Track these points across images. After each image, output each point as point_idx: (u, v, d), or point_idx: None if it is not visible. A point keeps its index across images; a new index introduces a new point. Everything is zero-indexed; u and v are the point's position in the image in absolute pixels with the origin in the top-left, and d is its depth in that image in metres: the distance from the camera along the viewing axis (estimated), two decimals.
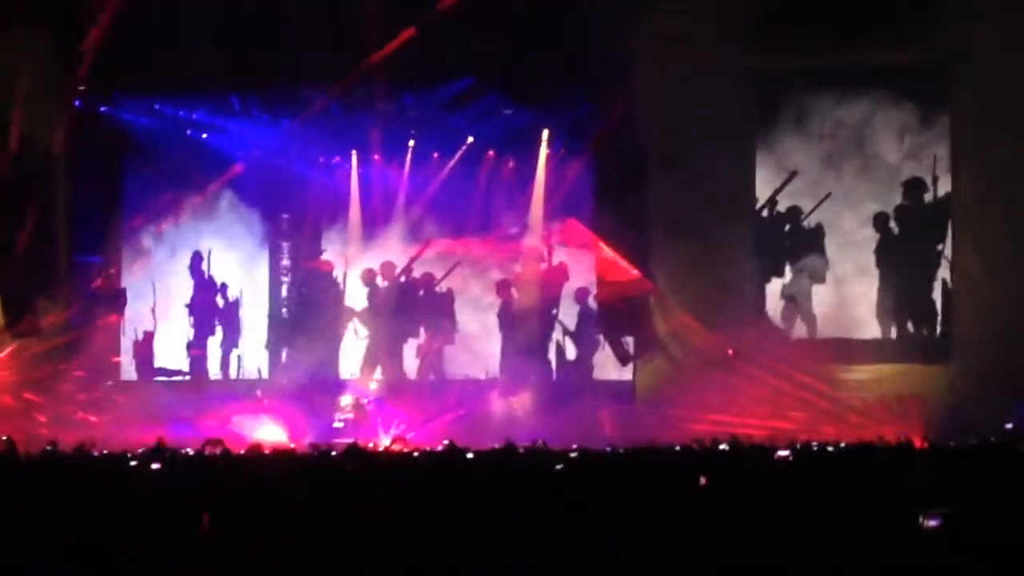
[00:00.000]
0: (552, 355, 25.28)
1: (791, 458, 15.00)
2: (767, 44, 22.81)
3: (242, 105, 25.29)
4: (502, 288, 25.70)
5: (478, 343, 25.83)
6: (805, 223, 23.66)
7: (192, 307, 26.66)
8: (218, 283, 26.68)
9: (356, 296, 26.32)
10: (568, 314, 25.28)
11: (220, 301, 26.69)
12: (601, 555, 10.47)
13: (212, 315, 26.66)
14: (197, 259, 26.67)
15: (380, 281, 26.11)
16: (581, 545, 10.51)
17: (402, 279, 26.05)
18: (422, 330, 26.07)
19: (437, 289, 26.06)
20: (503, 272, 25.76)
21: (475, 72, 23.98)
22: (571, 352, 25.22)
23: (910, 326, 23.29)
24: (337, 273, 26.42)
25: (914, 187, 23.34)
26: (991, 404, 20.47)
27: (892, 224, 23.39)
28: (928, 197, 23.33)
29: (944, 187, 23.17)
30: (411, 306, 26.03)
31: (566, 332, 25.27)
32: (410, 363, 25.93)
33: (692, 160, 22.80)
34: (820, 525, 10.85)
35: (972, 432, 18.62)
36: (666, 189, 23.00)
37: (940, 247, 23.22)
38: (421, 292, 26.15)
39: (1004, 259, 21.89)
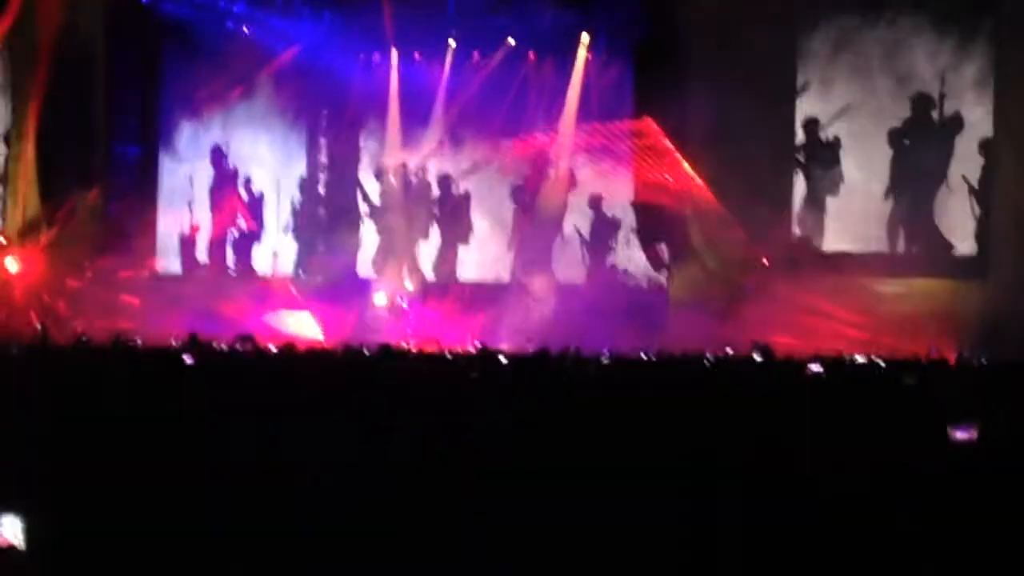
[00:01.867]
0: (567, 260, 25.22)
1: (823, 373, 14.98)
2: None
3: None
4: (516, 193, 25.66)
5: (492, 247, 25.76)
6: (824, 135, 23.54)
7: (206, 200, 26.59)
8: (242, 176, 26.63)
9: (376, 194, 26.31)
10: (584, 220, 25.25)
11: (244, 195, 26.63)
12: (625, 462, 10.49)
13: (229, 208, 26.60)
14: (218, 152, 26.61)
15: (393, 179, 26.07)
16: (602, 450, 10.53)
17: (414, 178, 25.99)
18: (437, 230, 25.99)
19: (454, 190, 25.98)
20: (522, 177, 25.69)
21: None
22: (586, 258, 25.19)
23: (941, 241, 23.11)
24: (375, 171, 26.39)
25: (920, 102, 23.17)
26: None
27: (905, 140, 23.21)
28: (935, 114, 23.14)
29: (953, 105, 22.95)
30: (426, 206, 25.96)
31: (581, 238, 25.24)
32: (424, 263, 25.90)
33: (732, 69, 22.67)
34: (849, 440, 10.86)
35: (1007, 348, 18.62)
36: (705, 97, 22.83)
37: (950, 164, 23.02)
38: (437, 192, 26.06)
39: None
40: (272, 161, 26.67)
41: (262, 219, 26.57)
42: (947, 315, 21.61)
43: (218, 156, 26.59)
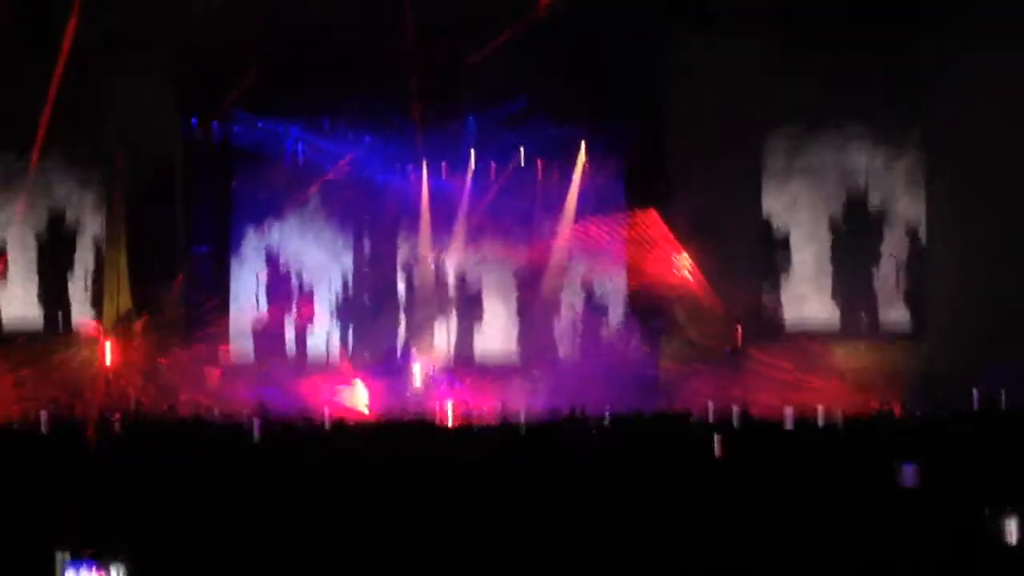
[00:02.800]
0: (564, 336, 25.25)
1: (792, 429, 15.06)
2: (785, 73, 22.81)
3: (331, 124, 25.42)
4: (520, 282, 25.75)
5: (502, 329, 25.77)
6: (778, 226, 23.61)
7: (269, 293, 26.68)
8: (293, 272, 26.70)
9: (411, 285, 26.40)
10: (578, 300, 25.25)
11: (296, 288, 26.68)
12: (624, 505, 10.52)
13: (288, 300, 26.67)
14: (274, 253, 26.70)
15: (425, 272, 26.16)
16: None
17: (440, 271, 26.07)
18: (452, 314, 26.06)
19: (467, 279, 26.07)
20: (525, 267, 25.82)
21: (527, 94, 24.01)
22: (581, 333, 25.19)
23: (884, 311, 23.16)
24: (409, 267, 26.48)
25: (853, 195, 23.29)
26: (960, 377, 20.37)
27: (843, 224, 23.27)
28: (862, 204, 23.31)
29: (879, 196, 23.17)
30: (449, 294, 26.05)
31: (576, 317, 25.28)
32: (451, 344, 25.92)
33: (709, 171, 22.81)
34: (816, 486, 10.92)
35: (943, 401, 18.63)
36: (687, 196, 23.01)
37: (881, 244, 23.13)
38: (456, 282, 26.12)
39: (972, 251, 21.77)
40: (322, 259, 26.72)
41: (313, 309, 26.58)
42: (892, 374, 21.68)
43: (275, 257, 26.67)
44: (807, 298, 23.47)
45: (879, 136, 23.14)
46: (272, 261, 26.71)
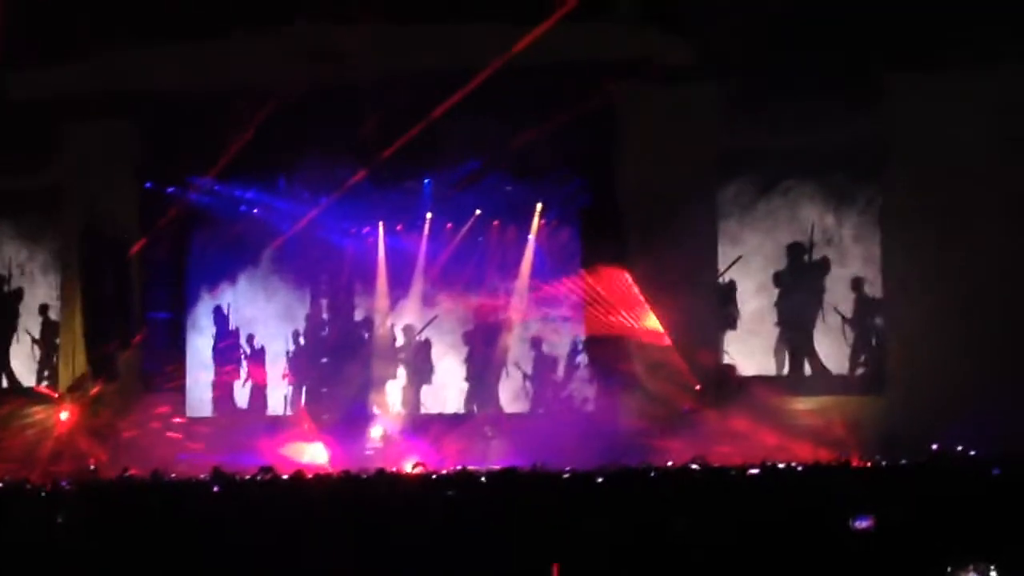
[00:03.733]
0: (521, 393, 25.34)
1: (755, 476, 15.08)
2: (738, 125, 23.00)
3: (287, 185, 25.43)
4: (467, 337, 25.83)
5: (458, 387, 25.78)
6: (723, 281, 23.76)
7: (216, 352, 26.60)
8: (249, 333, 26.64)
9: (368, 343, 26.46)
10: (535, 358, 25.36)
11: (247, 348, 26.62)
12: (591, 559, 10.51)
13: (245, 361, 26.60)
14: (219, 311, 26.66)
15: (381, 331, 26.21)
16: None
17: (396, 330, 26.10)
18: (403, 372, 26.07)
19: (418, 338, 26.06)
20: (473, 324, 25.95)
21: (481, 156, 24.11)
22: (530, 390, 25.33)
23: (842, 365, 23.30)
24: (365, 326, 26.48)
25: (795, 249, 23.45)
26: (920, 430, 20.50)
27: (799, 278, 23.48)
28: (806, 258, 23.46)
29: (821, 251, 23.37)
30: (402, 351, 26.09)
31: (524, 375, 25.37)
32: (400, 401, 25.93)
33: (664, 229, 22.93)
34: (770, 530, 10.95)
35: (903, 454, 18.73)
36: (641, 253, 23.13)
37: (838, 297, 23.31)
38: (404, 339, 26.16)
39: (929, 308, 21.90)
40: (278, 320, 26.69)
41: (270, 370, 26.52)
42: (851, 428, 21.79)
43: (231, 319, 26.62)
44: (763, 352, 23.56)
45: (835, 188, 23.29)
46: (228, 323, 26.68)
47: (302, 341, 26.61)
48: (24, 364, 26.61)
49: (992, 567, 10.06)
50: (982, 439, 19.00)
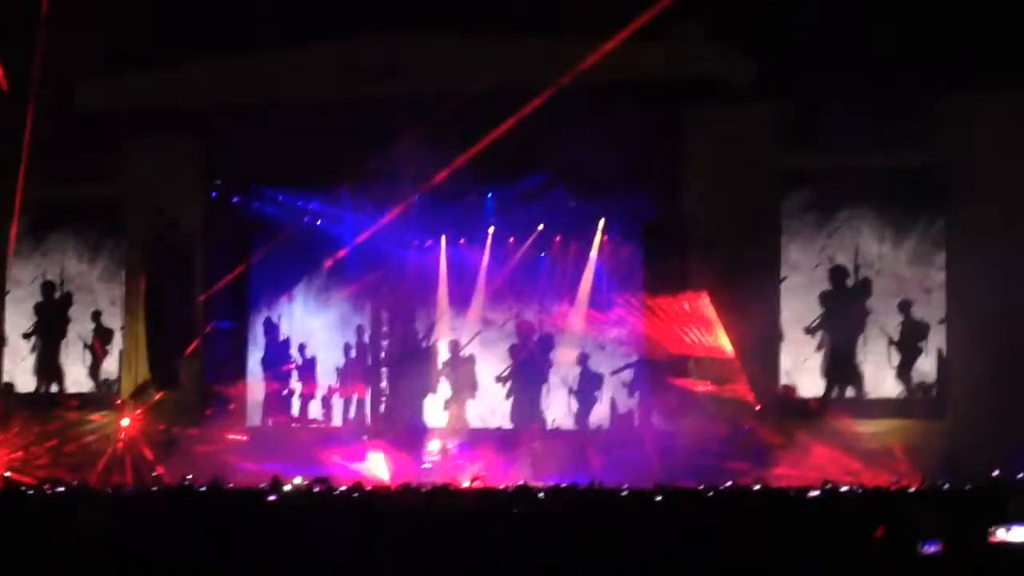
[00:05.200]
0: (580, 410, 25.22)
1: (819, 498, 14.89)
2: (800, 145, 22.95)
3: (351, 197, 25.42)
4: (514, 352, 25.79)
5: (518, 402, 25.62)
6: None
7: (274, 363, 26.59)
8: (311, 345, 26.58)
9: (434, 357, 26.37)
10: (574, 375, 25.31)
11: (300, 359, 26.58)
12: None
13: (306, 373, 26.58)
14: (278, 322, 26.63)
15: (442, 346, 26.25)
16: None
17: (453, 342, 26.05)
18: (450, 386, 25.99)
19: (461, 354, 25.98)
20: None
21: (546, 170, 24.03)
22: (574, 407, 25.22)
23: (911, 388, 23.04)
24: (426, 339, 26.42)
25: (838, 272, 23.24)
26: (981, 455, 20.26)
27: (830, 302, 23.30)
28: (850, 282, 23.26)
29: (863, 273, 23.14)
30: (463, 367, 26.01)
31: (570, 390, 25.27)
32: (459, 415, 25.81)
33: (726, 247, 22.79)
34: (839, 555, 10.75)
35: (964, 478, 18.50)
36: (704, 271, 22.95)
37: (865, 321, 23.14)
38: (470, 354, 26.10)
39: (991, 334, 21.66)
40: (340, 332, 26.72)
41: (331, 382, 26.50)
42: (913, 452, 21.56)
43: (293, 330, 26.68)
44: (826, 375, 23.34)
45: (893, 210, 23.08)
46: (290, 334, 26.70)
47: (365, 354, 26.61)
48: (76, 370, 26.71)
49: None
50: None
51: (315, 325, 26.81)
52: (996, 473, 19.29)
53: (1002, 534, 11.15)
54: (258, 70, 24.25)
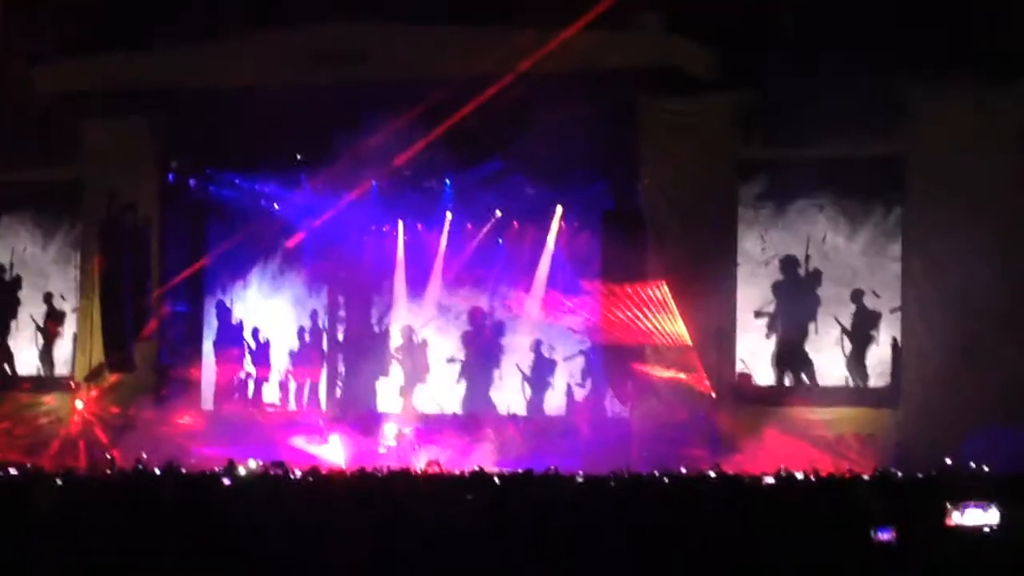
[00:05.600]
0: (535, 395, 25.21)
1: (774, 485, 14.94)
2: (758, 136, 23.02)
3: (308, 181, 25.30)
4: (492, 339, 25.74)
5: (475, 387, 25.57)
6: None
7: (228, 347, 26.48)
8: (266, 329, 26.48)
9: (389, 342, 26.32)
10: (525, 360, 25.27)
11: (269, 345, 26.47)
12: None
13: (261, 356, 26.44)
14: (234, 306, 26.55)
15: (398, 331, 26.15)
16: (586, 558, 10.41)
17: (409, 327, 25.97)
18: (402, 371, 25.92)
19: (415, 339, 25.93)
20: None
21: (503, 157, 23.99)
22: (527, 393, 25.18)
23: (864, 376, 23.11)
24: (381, 324, 26.39)
25: (789, 262, 23.30)
26: (934, 443, 20.36)
27: (780, 292, 23.30)
28: (801, 272, 23.24)
29: (813, 263, 23.13)
30: (418, 352, 25.93)
31: (524, 376, 25.23)
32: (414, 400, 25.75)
33: (685, 235, 22.81)
34: (794, 540, 10.78)
35: (917, 466, 18.60)
36: (661, 260, 22.96)
37: (816, 310, 23.11)
38: (426, 340, 26.02)
39: (945, 325, 21.73)
40: (295, 316, 26.61)
41: (286, 366, 26.40)
42: (865, 439, 21.67)
43: (247, 314, 26.53)
44: (781, 362, 23.37)
45: (849, 201, 23.09)
46: (245, 318, 26.57)
47: (317, 337, 26.51)
48: (26, 352, 26.49)
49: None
50: (995, 454, 18.92)
51: (270, 309, 26.67)
52: (949, 461, 19.38)
53: (957, 517, 11.22)
54: (216, 54, 24.15)
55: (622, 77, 22.76)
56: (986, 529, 11.16)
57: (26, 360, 26.38)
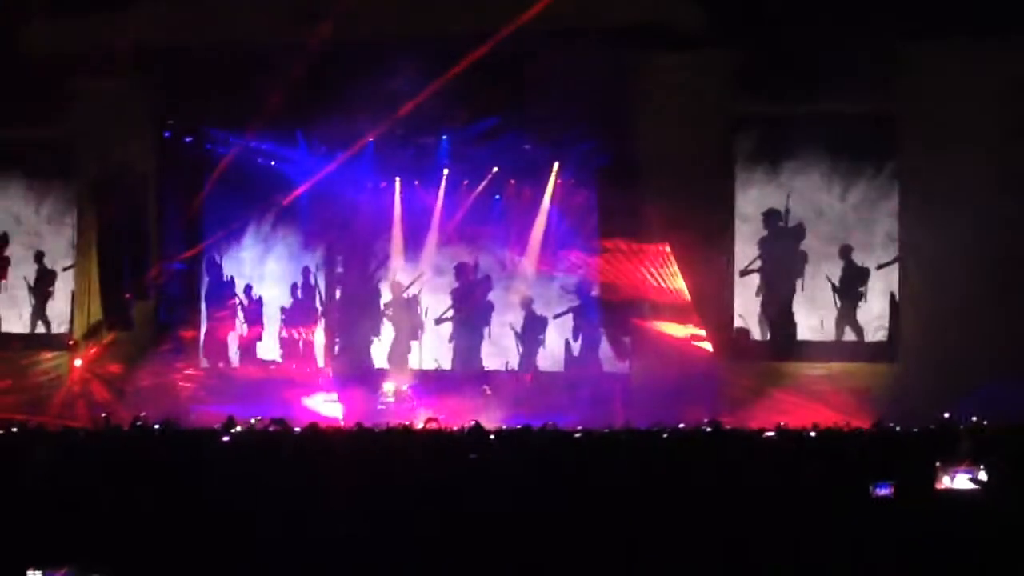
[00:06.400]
0: (537, 350, 25.21)
1: (772, 439, 14.89)
2: (751, 92, 22.88)
3: (305, 139, 25.18)
4: (491, 295, 25.69)
5: (472, 343, 25.62)
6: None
7: (240, 308, 26.40)
8: (264, 286, 26.42)
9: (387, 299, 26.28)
10: (518, 319, 25.28)
11: (267, 302, 26.41)
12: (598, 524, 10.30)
13: (259, 314, 26.40)
14: (241, 266, 26.48)
15: (394, 289, 26.13)
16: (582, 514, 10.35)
17: (406, 284, 25.94)
18: (391, 328, 25.89)
19: (405, 295, 25.90)
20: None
21: (500, 113, 23.87)
22: (555, 349, 25.15)
23: (857, 331, 23.08)
24: (381, 281, 26.32)
25: (771, 216, 23.24)
26: (931, 397, 20.34)
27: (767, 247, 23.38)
28: (781, 223, 23.26)
29: (795, 218, 23.18)
30: (416, 309, 25.95)
31: (516, 334, 25.21)
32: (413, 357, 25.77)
33: (680, 191, 22.73)
34: (793, 494, 10.73)
35: (914, 420, 18.59)
36: (658, 216, 22.90)
37: (803, 267, 23.22)
38: (424, 296, 26.03)
39: (943, 279, 21.69)
40: (293, 274, 26.50)
41: (285, 323, 26.34)
42: (864, 393, 21.68)
43: (245, 271, 26.44)
44: (781, 317, 23.34)
45: (843, 156, 23.04)
46: (243, 276, 26.50)
47: (319, 296, 26.45)
48: (16, 311, 26.43)
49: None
50: (994, 408, 18.88)
51: (265, 266, 26.59)
52: (947, 415, 19.34)
53: (947, 482, 11.12)
54: (212, 11, 23.99)
55: (616, 34, 22.66)
56: (974, 486, 11.09)
57: (14, 318, 26.32)
